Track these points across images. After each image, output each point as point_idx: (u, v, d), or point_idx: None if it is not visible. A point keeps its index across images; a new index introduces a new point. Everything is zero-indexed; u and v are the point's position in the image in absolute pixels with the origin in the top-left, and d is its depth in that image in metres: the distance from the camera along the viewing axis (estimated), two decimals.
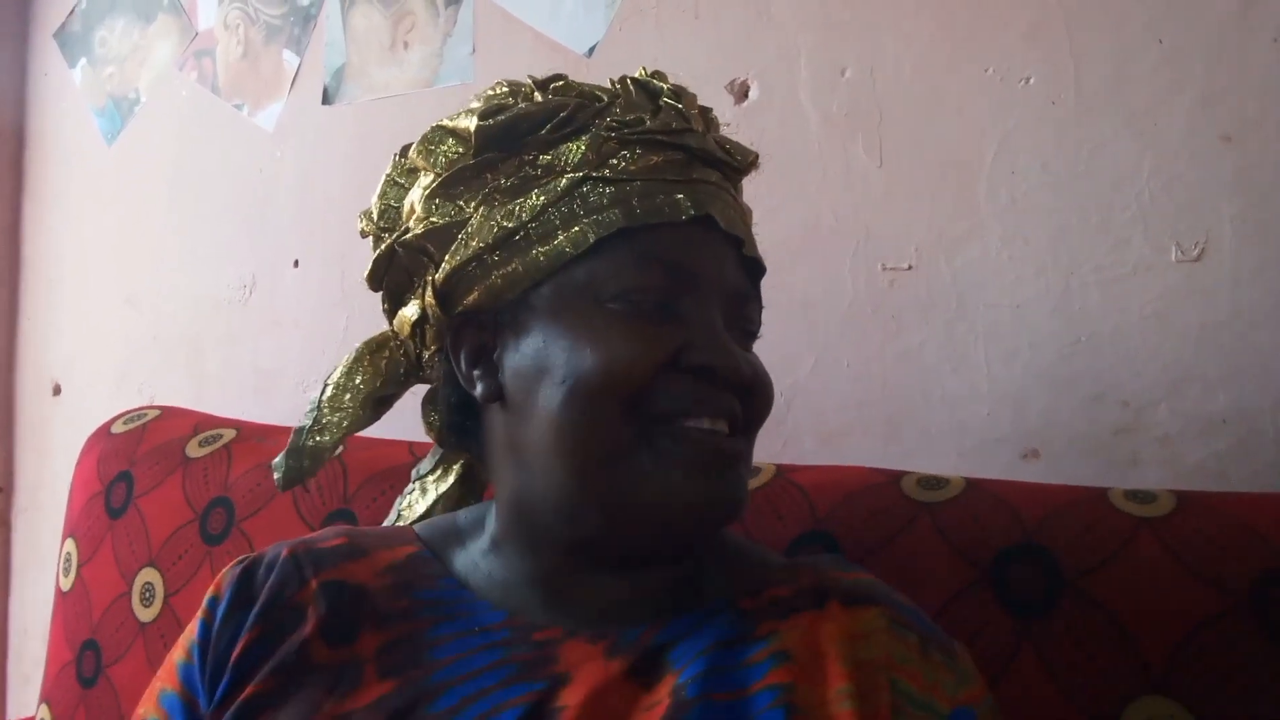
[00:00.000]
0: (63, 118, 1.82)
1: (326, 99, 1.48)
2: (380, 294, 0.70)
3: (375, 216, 0.70)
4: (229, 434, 1.11)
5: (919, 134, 1.04)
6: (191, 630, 0.66)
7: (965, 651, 0.62)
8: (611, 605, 0.62)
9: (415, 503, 0.77)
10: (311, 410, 0.71)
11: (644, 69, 0.68)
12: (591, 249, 0.60)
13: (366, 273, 0.69)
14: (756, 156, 0.68)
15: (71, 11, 1.81)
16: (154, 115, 1.70)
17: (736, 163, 0.67)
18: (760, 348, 0.66)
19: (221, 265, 1.58)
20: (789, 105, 1.11)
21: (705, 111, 0.68)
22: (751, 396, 0.61)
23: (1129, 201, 0.93)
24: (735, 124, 1.14)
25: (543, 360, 0.60)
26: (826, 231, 1.08)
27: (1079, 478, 0.84)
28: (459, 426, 0.69)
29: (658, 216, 0.60)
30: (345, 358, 0.72)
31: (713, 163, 0.64)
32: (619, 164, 0.61)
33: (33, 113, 1.87)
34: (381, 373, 0.72)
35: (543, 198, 0.61)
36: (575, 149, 0.62)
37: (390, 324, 0.71)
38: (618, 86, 0.66)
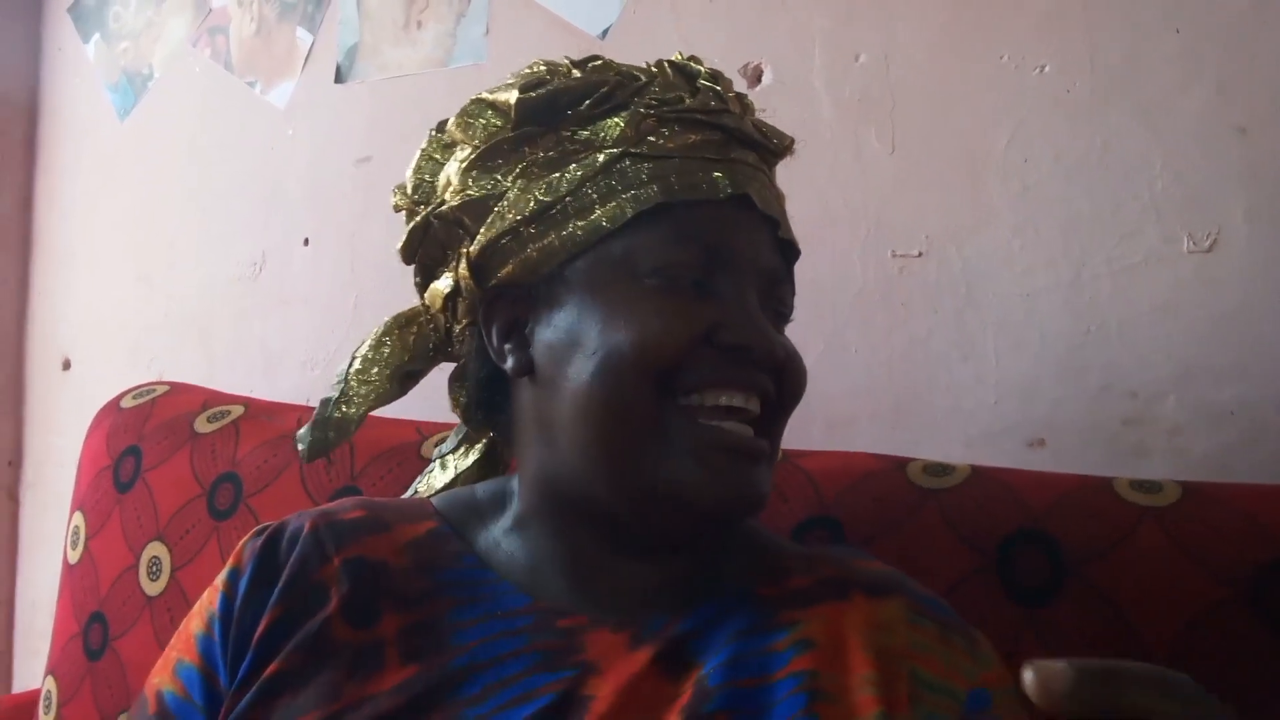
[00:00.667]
0: (76, 93, 1.83)
1: (339, 77, 1.48)
2: (412, 267, 0.70)
3: (409, 190, 0.69)
4: (237, 410, 1.12)
5: (932, 121, 1.03)
6: (211, 602, 0.65)
7: (985, 640, 0.62)
8: (634, 592, 0.61)
9: (435, 478, 0.77)
10: (339, 382, 0.71)
11: (680, 53, 0.68)
12: (628, 224, 0.60)
13: (400, 245, 0.69)
14: (793, 141, 0.68)
15: None
16: (167, 91, 1.70)
17: (773, 146, 0.66)
18: None
19: (232, 243, 1.58)
20: (802, 90, 1.10)
21: (741, 96, 0.68)
22: (784, 378, 0.61)
23: (1141, 191, 0.93)
24: None
25: (575, 334, 0.60)
26: (837, 218, 1.08)
27: (1086, 468, 0.84)
28: (487, 403, 0.69)
29: (696, 194, 0.60)
30: (374, 331, 0.72)
31: (750, 144, 0.64)
32: (657, 141, 0.61)
33: (46, 88, 1.87)
34: (410, 348, 0.71)
35: (580, 172, 0.61)
36: (614, 125, 0.62)
37: (421, 297, 0.70)
38: (654, 68, 0.66)
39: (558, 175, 0.61)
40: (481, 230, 0.63)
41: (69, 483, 1.19)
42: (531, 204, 0.61)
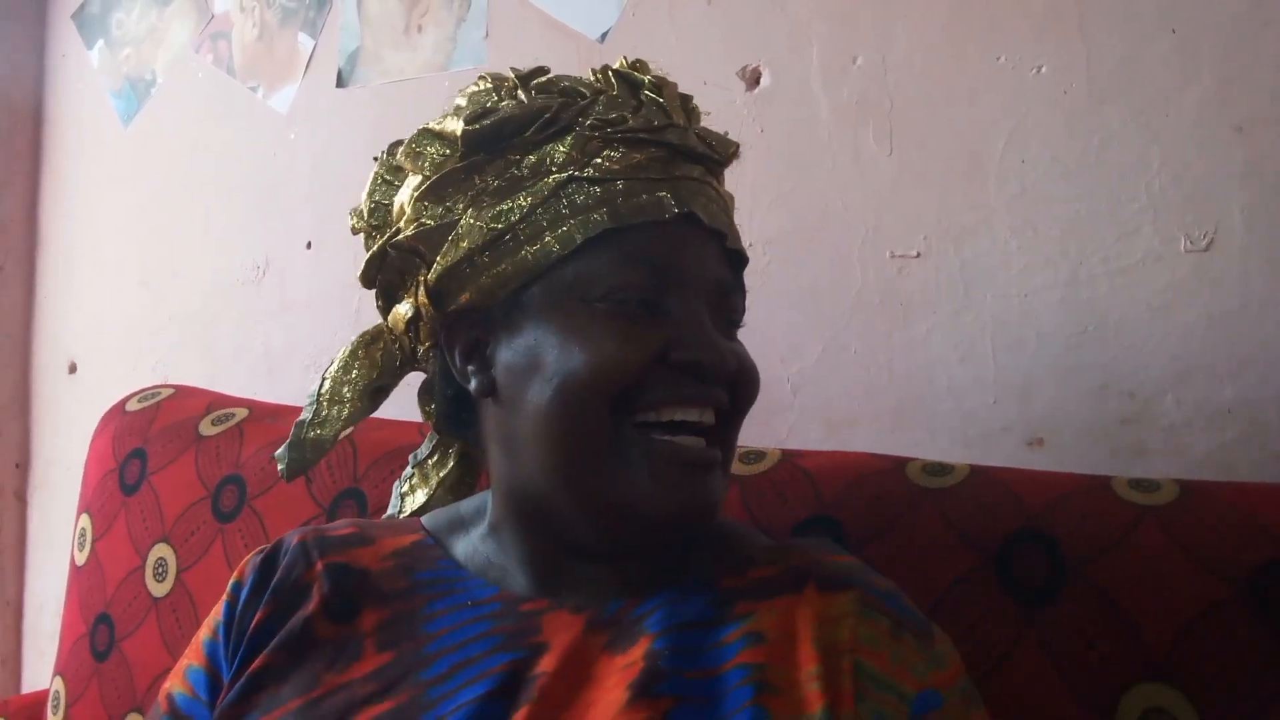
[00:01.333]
0: (80, 99, 1.83)
1: (340, 82, 1.49)
2: (374, 292, 0.72)
3: (365, 214, 0.72)
4: (241, 413, 1.13)
5: (929, 122, 1.04)
6: (217, 612, 0.69)
7: (944, 636, 0.63)
8: (600, 584, 0.64)
9: (417, 489, 0.79)
10: (311, 404, 0.73)
11: (624, 59, 0.69)
12: (579, 249, 0.61)
13: (359, 273, 0.70)
14: (737, 147, 0.70)
15: None
16: (170, 97, 1.71)
17: (718, 156, 0.68)
18: (767, 335, 0.67)
19: (235, 247, 1.59)
20: (800, 92, 1.11)
21: (686, 102, 0.69)
22: (737, 386, 0.63)
23: (1139, 192, 0.93)
24: (745, 111, 1.14)
25: (534, 358, 0.62)
26: (835, 219, 1.08)
27: (1084, 467, 0.84)
28: (455, 418, 0.72)
29: (642, 215, 0.61)
30: (341, 352, 0.74)
31: (695, 157, 0.66)
32: (603, 163, 0.62)
33: (50, 94, 1.88)
34: (378, 364, 0.73)
35: (530, 199, 0.62)
36: (560, 149, 0.63)
37: (385, 320, 0.72)
38: (599, 79, 0.67)
39: (508, 203, 0.63)
40: (438, 259, 0.64)
41: (76, 485, 1.20)
42: (484, 232, 0.63)
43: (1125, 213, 0.93)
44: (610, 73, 0.67)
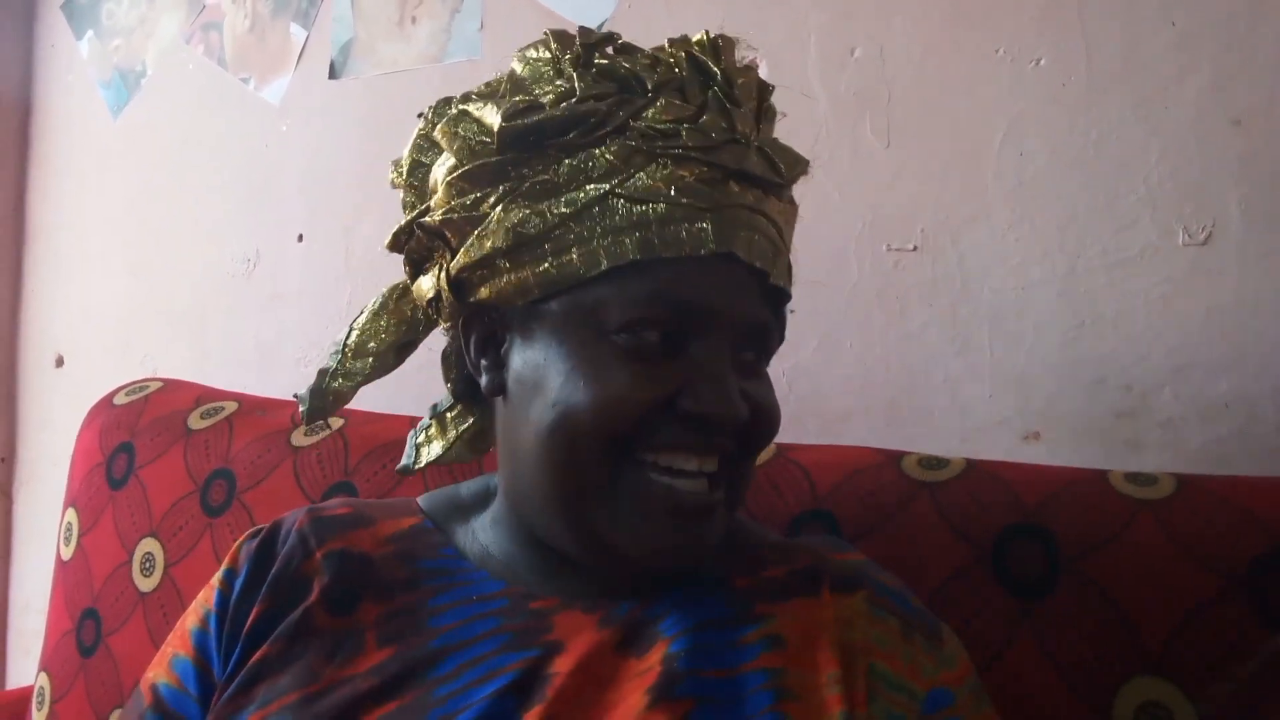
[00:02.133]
0: (69, 90, 1.82)
1: (333, 74, 1.48)
2: (401, 256, 0.69)
3: (405, 171, 0.68)
4: (230, 407, 1.11)
5: (927, 115, 1.03)
6: (208, 599, 0.67)
7: (952, 635, 0.63)
8: (608, 582, 0.62)
9: (434, 440, 0.75)
10: (335, 353, 0.71)
11: (707, 32, 0.63)
12: (604, 273, 0.57)
13: (388, 241, 0.68)
14: (807, 164, 0.64)
15: None
16: (160, 88, 1.69)
17: (780, 179, 0.62)
18: None
19: (225, 239, 1.58)
20: (798, 84, 1.10)
21: (763, 101, 0.63)
22: (751, 434, 0.59)
23: (1137, 184, 0.92)
24: None
25: (541, 376, 0.59)
26: (832, 211, 1.07)
27: (1080, 461, 0.84)
28: (472, 395, 0.71)
29: (676, 250, 0.56)
30: (371, 303, 0.71)
31: (751, 180, 0.60)
32: (645, 179, 0.57)
33: (39, 85, 1.87)
34: (406, 319, 0.71)
35: (562, 209, 0.58)
36: (604, 156, 0.58)
37: (411, 283, 0.70)
38: (671, 58, 0.62)
39: (539, 208, 0.58)
40: (462, 250, 0.61)
41: (62, 480, 1.19)
42: (509, 235, 0.59)
43: (1123, 206, 0.93)
44: (685, 55, 0.61)
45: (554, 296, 0.59)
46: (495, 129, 0.59)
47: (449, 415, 0.75)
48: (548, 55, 0.63)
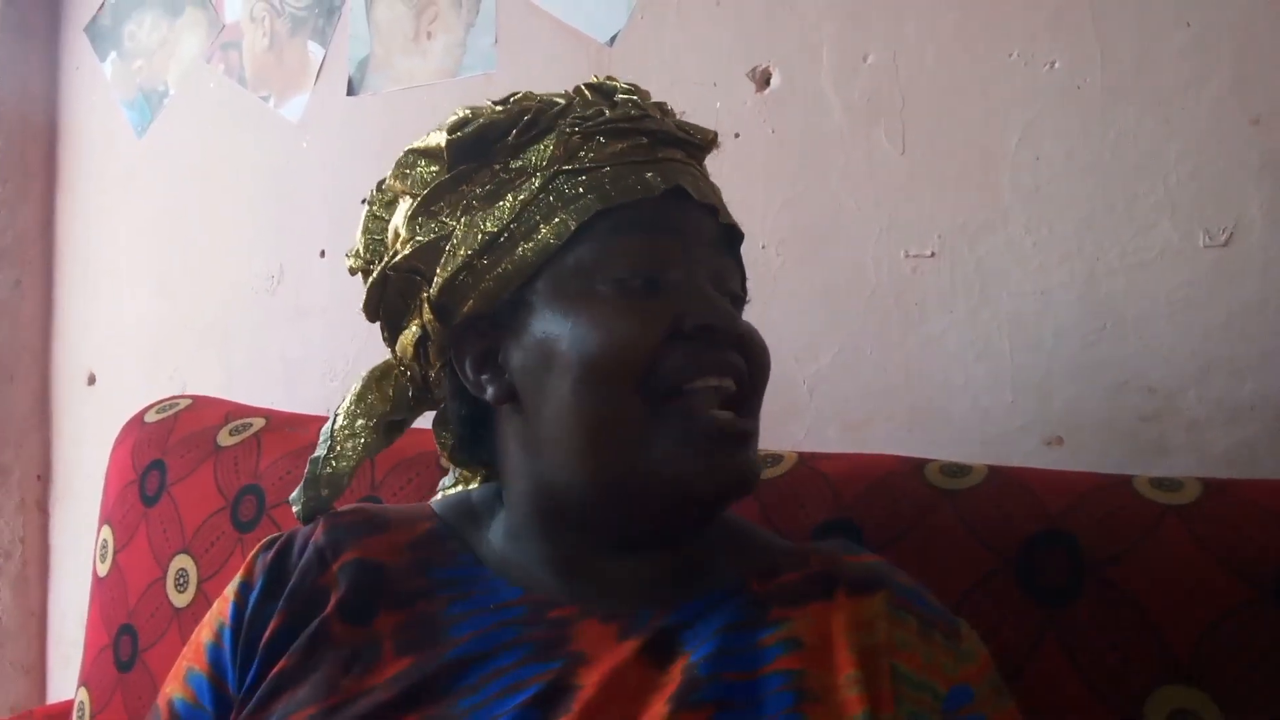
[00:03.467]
0: (94, 111, 1.85)
1: (351, 90, 1.49)
2: (379, 325, 0.72)
3: (361, 251, 0.72)
4: (259, 423, 1.13)
5: (942, 120, 1.03)
6: (222, 612, 0.67)
7: (970, 631, 0.64)
8: (625, 586, 0.63)
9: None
10: (325, 441, 0.72)
11: (596, 75, 0.71)
12: (574, 236, 0.62)
13: (362, 304, 0.70)
14: (715, 135, 0.71)
15: (101, 6, 1.83)
16: (182, 107, 1.71)
17: (697, 140, 0.69)
18: (781, 336, 0.67)
19: (250, 255, 1.59)
20: (811, 92, 1.10)
21: (660, 105, 0.70)
22: (751, 353, 0.63)
23: (1155, 186, 0.92)
24: (756, 112, 1.14)
25: (547, 351, 0.62)
26: (849, 219, 1.08)
27: (1104, 465, 0.83)
28: (472, 439, 0.71)
29: (631, 195, 0.63)
30: (352, 388, 0.73)
31: (675, 143, 0.67)
32: (587, 155, 0.64)
33: (65, 106, 1.89)
34: (390, 398, 0.73)
35: (521, 197, 0.63)
36: (544, 149, 0.64)
37: (393, 351, 0.72)
38: (573, 94, 0.68)
39: (500, 205, 0.64)
40: (438, 271, 0.65)
41: (97, 496, 1.21)
42: (480, 237, 0.63)
43: (1142, 208, 0.92)
44: (582, 87, 0.69)
45: (535, 278, 0.63)
46: (443, 144, 0.65)
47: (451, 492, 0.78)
48: (468, 112, 0.67)
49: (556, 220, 0.62)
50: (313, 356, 1.51)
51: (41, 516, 1.86)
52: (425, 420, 1.03)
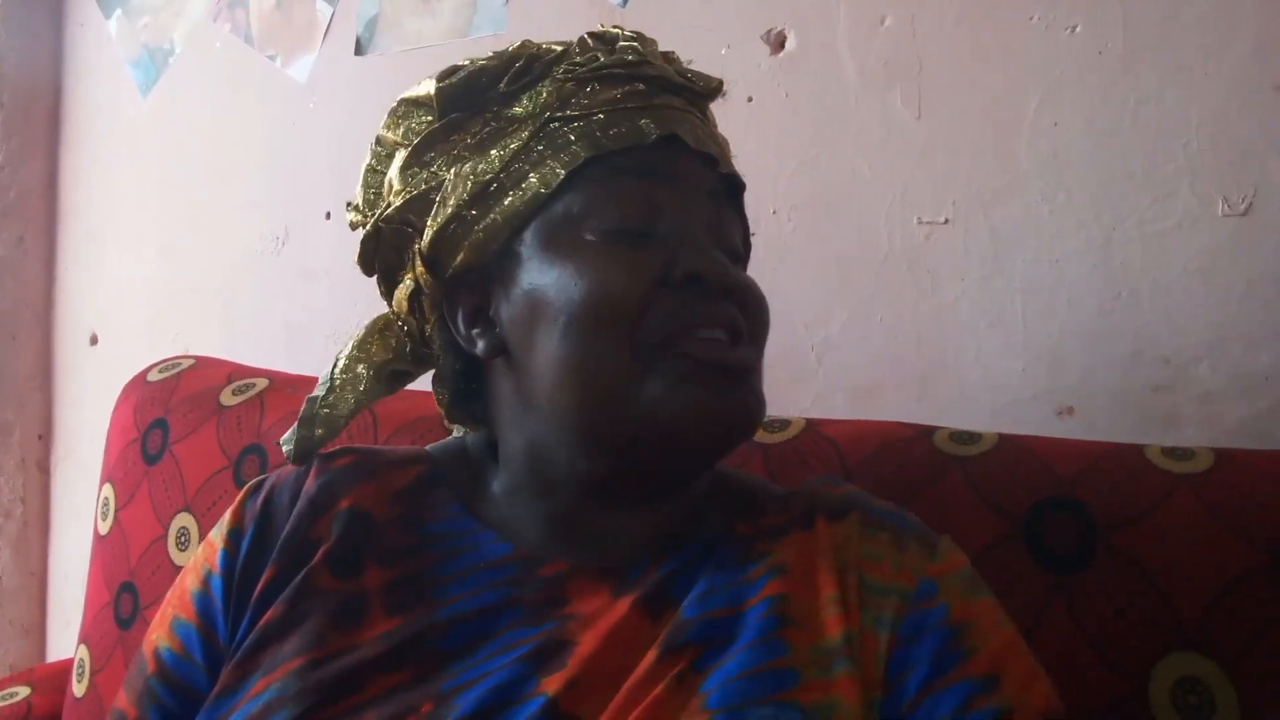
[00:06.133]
0: (98, 69, 1.83)
1: (359, 50, 1.47)
2: (375, 279, 0.71)
3: (361, 206, 0.71)
4: (261, 383, 1.12)
5: (959, 85, 1.01)
6: (210, 559, 0.66)
7: (951, 544, 0.63)
8: (618, 540, 0.62)
9: None
10: (324, 382, 0.71)
11: (601, 24, 0.68)
12: (564, 184, 0.61)
13: (356, 258, 0.69)
14: (721, 82, 0.68)
15: None
16: (188, 66, 1.70)
17: (699, 87, 0.66)
18: (792, 302, 0.66)
19: (254, 217, 1.58)
20: (827, 55, 1.09)
21: (667, 53, 0.68)
22: (746, 305, 0.61)
23: (1176, 153, 0.90)
24: (770, 74, 1.12)
25: (536, 303, 0.60)
26: (862, 184, 1.06)
27: (1115, 435, 0.83)
28: (465, 394, 0.70)
29: (623, 142, 0.61)
30: (355, 335, 0.72)
31: (674, 89, 0.65)
32: (580, 101, 0.62)
33: (69, 65, 1.88)
34: (391, 348, 0.71)
35: (511, 144, 0.62)
36: (536, 96, 0.63)
37: (389, 304, 0.71)
38: (574, 42, 0.66)
39: (490, 154, 0.62)
40: (428, 223, 0.63)
41: (98, 456, 1.20)
42: (469, 186, 0.62)
43: (1161, 175, 0.91)
44: (585, 35, 0.66)
45: (524, 228, 0.62)
46: (433, 92, 0.63)
47: None
48: (463, 61, 0.66)
49: (545, 168, 0.61)
50: (317, 320, 1.51)
51: (42, 477, 1.86)
52: (428, 382, 1.02)
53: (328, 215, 1.50)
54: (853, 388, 1.05)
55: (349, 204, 0.72)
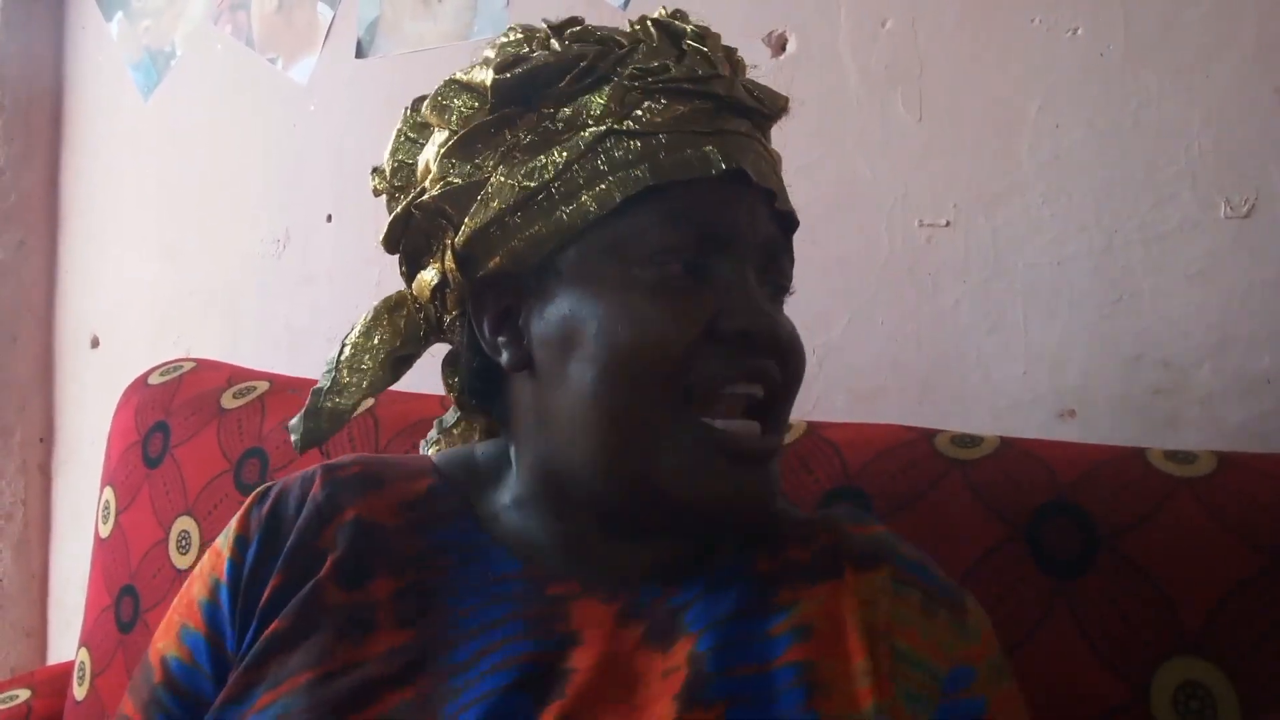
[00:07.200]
0: (100, 71, 1.83)
1: (360, 52, 1.48)
2: (397, 257, 0.68)
3: (388, 174, 0.68)
4: (262, 386, 1.12)
5: (961, 87, 1.01)
6: (217, 568, 0.64)
7: (976, 605, 0.62)
8: (630, 567, 0.61)
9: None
10: (329, 371, 0.69)
11: (664, 8, 0.65)
12: (617, 209, 0.57)
13: (382, 236, 0.66)
14: (787, 101, 0.65)
15: None
16: (189, 69, 1.70)
17: (767, 110, 0.63)
18: (793, 305, 0.65)
19: (256, 220, 1.58)
20: (828, 58, 1.09)
21: (731, 53, 0.65)
22: (786, 361, 0.59)
23: (1177, 156, 0.90)
24: (771, 77, 1.12)
25: (572, 331, 0.58)
26: (863, 187, 1.06)
27: (1117, 439, 0.82)
28: (480, 391, 0.68)
29: (687, 172, 0.57)
30: (362, 316, 0.70)
31: (742, 111, 0.61)
32: (644, 115, 0.58)
33: (71, 67, 1.88)
34: (400, 332, 0.69)
35: (565, 154, 0.58)
36: (597, 101, 0.59)
37: (409, 286, 0.69)
38: (638, 29, 0.63)
39: (541, 159, 0.59)
40: (466, 220, 0.60)
41: (99, 459, 1.20)
42: (516, 191, 0.58)
43: (1162, 178, 0.91)
44: (649, 22, 0.62)
45: (569, 245, 0.58)
46: (489, 83, 0.59)
47: (455, 431, 0.75)
48: (519, 37, 0.64)
49: (602, 187, 0.57)
50: (318, 322, 1.50)
51: (43, 479, 1.86)
52: (434, 386, 1.02)
53: (329, 218, 1.50)
54: (855, 391, 1.05)
55: (375, 169, 0.69)
